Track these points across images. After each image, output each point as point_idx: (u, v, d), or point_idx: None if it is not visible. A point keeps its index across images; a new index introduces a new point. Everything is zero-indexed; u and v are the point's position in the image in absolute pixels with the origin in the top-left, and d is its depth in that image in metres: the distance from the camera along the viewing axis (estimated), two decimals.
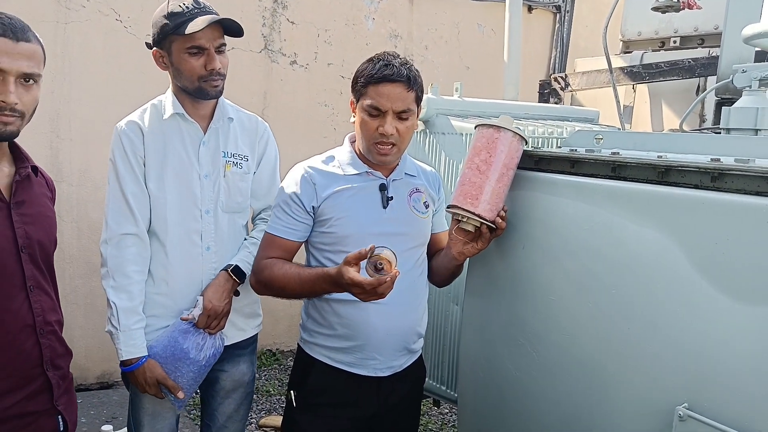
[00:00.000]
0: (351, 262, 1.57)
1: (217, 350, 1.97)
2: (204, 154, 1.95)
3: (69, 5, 3.50)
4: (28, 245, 1.47)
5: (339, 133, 4.23)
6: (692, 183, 1.42)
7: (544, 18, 5.20)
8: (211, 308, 1.92)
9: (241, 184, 2.01)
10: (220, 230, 1.98)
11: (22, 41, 1.38)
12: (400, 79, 1.69)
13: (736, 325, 1.32)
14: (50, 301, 1.55)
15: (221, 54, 1.88)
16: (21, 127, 1.42)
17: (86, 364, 3.77)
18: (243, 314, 2.08)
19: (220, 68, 1.87)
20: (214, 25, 1.83)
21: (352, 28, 4.40)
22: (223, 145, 1.99)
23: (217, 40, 1.86)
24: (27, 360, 1.48)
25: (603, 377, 1.56)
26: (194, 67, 1.85)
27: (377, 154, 1.74)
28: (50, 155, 3.53)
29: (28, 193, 1.50)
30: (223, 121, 1.99)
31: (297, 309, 1.91)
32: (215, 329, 1.95)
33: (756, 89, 1.82)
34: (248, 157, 2.03)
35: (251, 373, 2.16)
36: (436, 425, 3.65)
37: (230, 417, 2.14)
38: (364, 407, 1.83)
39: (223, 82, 1.90)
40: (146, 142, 1.89)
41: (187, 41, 1.82)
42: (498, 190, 1.72)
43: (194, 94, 1.90)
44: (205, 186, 1.94)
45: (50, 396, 1.53)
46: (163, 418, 2.03)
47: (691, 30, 3.44)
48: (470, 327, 1.97)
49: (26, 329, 1.47)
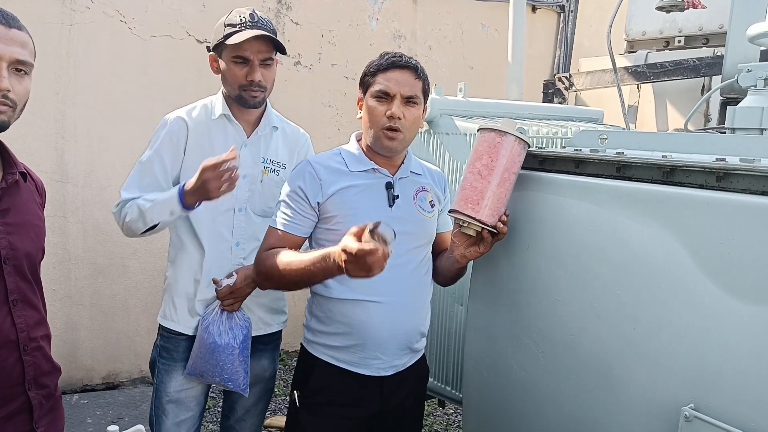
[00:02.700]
0: (353, 233, 1.48)
1: (245, 329, 2.02)
2: (245, 155, 2.01)
3: (74, 7, 3.51)
4: (12, 256, 1.39)
5: (343, 133, 4.24)
6: (697, 183, 1.42)
7: (548, 18, 5.19)
8: (239, 287, 1.97)
9: (275, 190, 2.04)
10: (251, 228, 2.04)
11: (14, 28, 1.34)
12: (408, 65, 1.75)
13: (741, 325, 1.31)
14: (36, 314, 1.46)
15: (266, 68, 1.96)
16: (12, 120, 1.37)
17: (92, 364, 3.78)
18: (268, 309, 2.13)
19: (261, 81, 1.94)
20: (262, 40, 1.91)
21: (355, 28, 4.40)
22: (264, 151, 2.06)
23: (262, 54, 1.93)
24: (7, 378, 1.39)
25: (608, 377, 1.56)
26: (237, 76, 1.93)
27: (385, 139, 1.75)
28: (56, 156, 3.54)
29: (14, 201, 1.43)
30: (268, 129, 2.07)
31: (302, 309, 1.91)
32: (228, 306, 1.99)
33: (761, 88, 1.82)
34: (286, 165, 2.10)
35: (272, 369, 2.21)
36: (441, 426, 3.64)
37: (249, 410, 2.20)
38: (367, 407, 1.83)
39: (263, 93, 1.98)
40: (190, 139, 1.97)
41: (234, 50, 1.91)
42: (499, 195, 1.71)
43: (236, 101, 1.99)
44: (242, 186, 1.99)
45: (30, 417, 1.44)
46: (187, 409, 2.06)
47: (696, 29, 3.43)
48: (475, 327, 1.97)
49: (8, 345, 1.38)
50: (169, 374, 2.04)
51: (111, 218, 3.78)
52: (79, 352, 3.74)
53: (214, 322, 1.98)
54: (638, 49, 3.71)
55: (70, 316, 3.67)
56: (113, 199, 3.60)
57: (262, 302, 2.09)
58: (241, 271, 2.00)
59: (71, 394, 3.66)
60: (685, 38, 3.49)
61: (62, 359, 3.58)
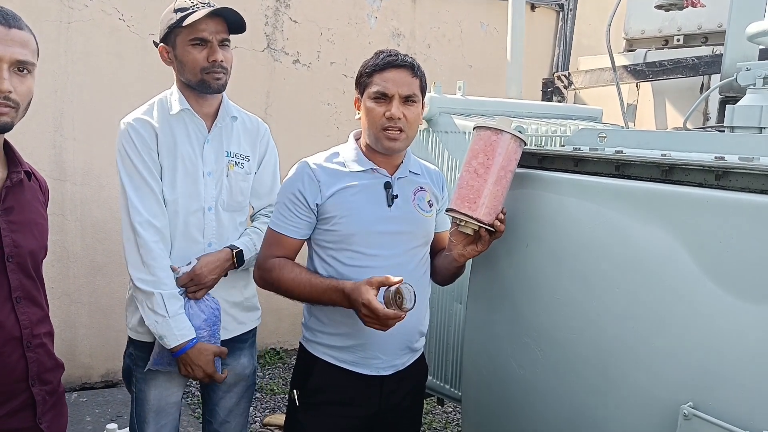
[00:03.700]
0: (374, 284, 1.60)
1: (213, 311, 1.97)
2: (208, 152, 1.97)
3: (72, 5, 3.50)
4: (16, 254, 1.40)
5: (342, 131, 4.23)
6: (696, 181, 1.42)
7: (547, 16, 5.19)
8: (198, 274, 1.92)
9: (242, 183, 2.04)
10: (221, 227, 2.01)
11: (14, 28, 1.33)
12: (404, 64, 1.73)
13: (740, 324, 1.31)
14: (40, 312, 1.48)
15: (224, 48, 1.91)
16: (16, 120, 1.36)
17: (91, 362, 3.78)
18: (243, 308, 2.10)
19: (222, 61, 1.89)
20: (217, 20, 1.87)
21: (354, 26, 4.40)
22: (226, 144, 2.01)
23: (219, 34, 1.89)
24: (11, 374, 1.41)
25: (607, 376, 1.56)
26: (197, 59, 1.87)
27: (386, 140, 1.74)
28: (54, 154, 3.53)
29: (18, 199, 1.44)
30: (226, 120, 2.01)
31: (300, 307, 1.91)
32: (193, 296, 1.94)
33: (760, 87, 1.81)
34: (249, 157, 2.06)
35: (252, 366, 2.19)
36: (440, 424, 3.65)
37: (231, 411, 2.16)
38: (367, 406, 1.83)
39: (225, 76, 1.92)
40: (159, 140, 1.91)
41: (190, 33, 1.86)
42: (496, 193, 1.71)
43: (197, 87, 1.92)
44: (208, 183, 1.96)
45: (33, 413, 1.46)
46: (168, 414, 2.04)
47: (695, 28, 3.43)
48: (474, 326, 1.97)
49: (11, 342, 1.40)
50: (147, 383, 2.01)
51: (109, 216, 3.80)
52: (77, 350, 3.73)
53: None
54: (637, 48, 3.71)
55: (69, 314, 3.66)
56: (111, 196, 3.64)
57: (236, 301, 2.06)
58: (204, 258, 1.94)
59: (70, 392, 3.66)
60: (684, 37, 3.49)
61: (61, 357, 3.59)
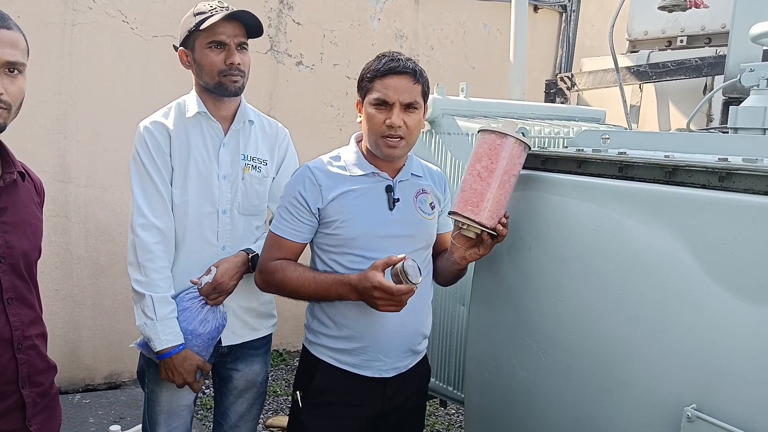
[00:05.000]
0: (379, 266, 1.61)
1: (220, 324, 1.98)
2: (224, 155, 1.98)
3: (76, 7, 3.51)
4: (8, 255, 1.39)
5: (345, 133, 4.23)
6: (700, 183, 1.42)
7: (550, 18, 5.18)
8: (221, 283, 1.93)
9: (258, 187, 2.03)
10: (235, 231, 2.01)
11: (3, 28, 1.31)
12: (406, 71, 1.70)
13: (744, 326, 1.31)
14: (32, 313, 1.47)
15: (242, 52, 1.93)
16: (8, 121, 1.35)
17: (94, 364, 3.78)
18: (257, 314, 2.10)
19: (240, 64, 1.91)
20: (235, 23, 1.89)
21: (357, 28, 4.40)
22: (243, 147, 2.02)
23: (237, 38, 1.91)
24: (0, 376, 1.39)
25: (610, 378, 1.56)
26: (214, 62, 1.89)
27: (385, 147, 1.73)
28: (57, 156, 3.54)
29: (12, 200, 1.43)
30: (243, 124, 2.02)
31: (303, 309, 1.91)
32: (213, 302, 1.95)
33: (764, 88, 1.81)
34: (267, 161, 2.06)
35: (264, 373, 2.19)
36: (443, 426, 3.64)
37: (242, 416, 2.17)
38: (369, 408, 1.82)
39: (243, 79, 1.94)
40: (173, 143, 1.93)
41: (208, 36, 1.88)
42: (499, 197, 1.71)
43: (215, 90, 1.93)
44: (223, 187, 1.97)
45: (23, 415, 1.44)
46: (179, 416, 2.04)
47: (698, 29, 3.42)
48: (477, 327, 1.97)
49: (1, 343, 1.39)
50: (159, 385, 2.01)
51: (113, 218, 3.81)
52: (81, 352, 3.73)
53: (191, 309, 1.93)
54: (640, 49, 3.70)
55: (72, 316, 3.66)
56: (115, 198, 3.65)
57: (251, 307, 2.06)
58: (222, 265, 1.94)
59: (73, 393, 3.66)
60: (688, 38, 3.49)
61: (64, 359, 3.60)
